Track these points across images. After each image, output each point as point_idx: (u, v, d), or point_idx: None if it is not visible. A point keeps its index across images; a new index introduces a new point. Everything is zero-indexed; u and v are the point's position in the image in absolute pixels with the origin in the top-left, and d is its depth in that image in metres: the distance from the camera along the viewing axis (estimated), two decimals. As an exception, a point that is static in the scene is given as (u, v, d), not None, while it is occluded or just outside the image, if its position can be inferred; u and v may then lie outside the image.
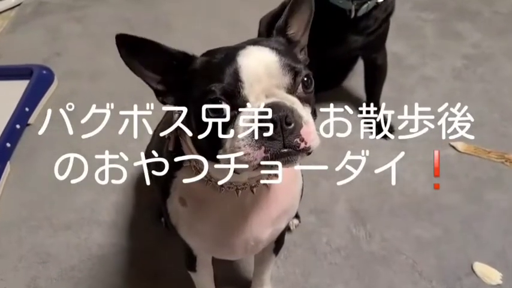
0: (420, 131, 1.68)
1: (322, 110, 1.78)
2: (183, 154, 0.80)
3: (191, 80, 0.71)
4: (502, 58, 2.05)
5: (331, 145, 1.66)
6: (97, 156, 1.62)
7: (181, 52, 0.73)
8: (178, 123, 0.75)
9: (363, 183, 1.53)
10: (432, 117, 1.76)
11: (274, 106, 0.63)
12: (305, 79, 0.69)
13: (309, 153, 0.67)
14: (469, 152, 1.62)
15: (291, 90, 0.67)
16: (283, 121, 0.62)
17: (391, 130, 1.68)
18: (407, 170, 1.56)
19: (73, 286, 1.27)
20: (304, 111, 0.66)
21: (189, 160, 0.78)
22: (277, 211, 0.87)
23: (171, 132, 0.81)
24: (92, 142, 1.69)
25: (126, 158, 1.60)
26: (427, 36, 2.22)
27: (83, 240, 1.38)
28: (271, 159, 0.63)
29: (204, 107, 0.65)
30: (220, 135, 0.66)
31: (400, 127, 1.70)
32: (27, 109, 1.75)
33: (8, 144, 1.61)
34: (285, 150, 0.63)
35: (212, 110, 0.65)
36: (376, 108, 1.74)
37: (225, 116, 0.65)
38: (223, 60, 0.68)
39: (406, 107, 1.79)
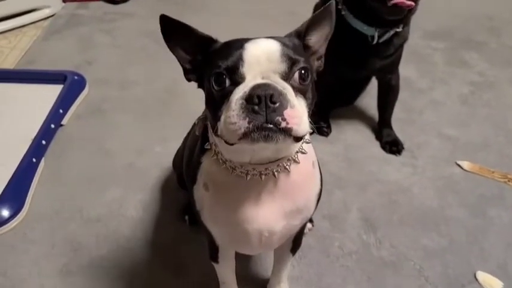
0: (428, 149, 1.82)
1: (339, 125, 1.93)
2: (208, 140, 0.91)
3: (209, 59, 0.83)
4: (506, 86, 2.18)
5: (345, 158, 1.77)
6: (125, 157, 1.76)
7: (207, 36, 0.85)
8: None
9: (374, 194, 1.63)
10: (440, 138, 1.89)
11: (264, 85, 0.72)
12: (302, 71, 0.77)
13: (296, 139, 0.73)
14: (474, 171, 1.72)
15: (286, 77, 0.76)
16: (267, 98, 0.70)
17: (401, 147, 1.80)
18: (416, 184, 1.66)
19: (102, 274, 1.35)
20: (295, 99, 0.74)
21: (210, 143, 0.90)
22: (290, 206, 0.94)
23: (200, 120, 0.94)
24: (120, 144, 1.82)
25: (151, 160, 1.74)
26: (436, 63, 2.36)
27: (111, 233, 1.47)
28: (253, 131, 0.70)
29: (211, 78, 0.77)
30: (218, 106, 0.76)
31: (410, 145, 1.84)
32: (61, 111, 1.86)
33: (44, 142, 1.72)
34: (267, 125, 0.70)
35: (216, 82, 0.76)
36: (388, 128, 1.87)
37: (225, 89, 0.75)
38: (235, 44, 0.78)
39: (416, 127, 1.93)
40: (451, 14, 2.75)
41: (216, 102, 0.77)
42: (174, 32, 0.84)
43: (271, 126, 0.71)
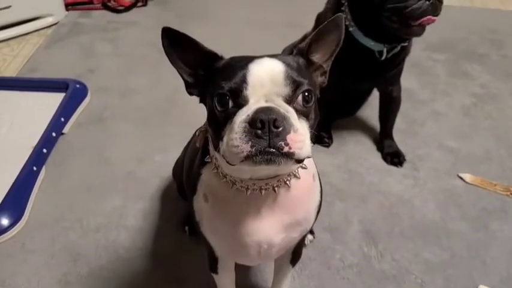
0: (430, 161, 1.81)
1: (340, 136, 1.92)
2: (208, 152, 0.90)
3: (212, 76, 0.81)
4: (508, 98, 2.18)
5: (346, 169, 1.77)
6: (125, 166, 1.76)
7: (212, 52, 0.84)
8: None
9: (375, 206, 1.62)
10: (442, 150, 1.88)
11: (267, 109, 0.72)
12: (306, 94, 0.76)
13: (297, 161, 0.74)
14: (476, 184, 1.70)
15: (289, 101, 0.75)
16: (271, 123, 0.70)
17: (403, 159, 1.80)
18: (417, 196, 1.66)
19: (102, 284, 1.34)
20: (298, 123, 0.74)
21: (210, 156, 0.89)
22: (289, 219, 0.93)
23: (201, 131, 0.93)
24: (120, 153, 1.82)
25: (152, 169, 1.74)
26: (437, 74, 2.36)
27: (111, 243, 1.46)
28: (256, 155, 0.71)
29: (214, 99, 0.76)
30: (221, 126, 0.76)
31: (412, 157, 1.83)
32: (62, 119, 1.86)
33: (44, 150, 1.72)
34: (270, 149, 0.71)
35: (219, 102, 0.76)
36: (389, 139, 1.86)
37: (228, 110, 0.75)
38: (239, 64, 0.77)
39: (417, 139, 1.92)
40: (453, 26, 2.76)
41: (218, 122, 0.77)
42: (177, 45, 0.83)
43: (274, 150, 0.71)
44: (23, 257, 1.42)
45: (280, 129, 0.71)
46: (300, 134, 0.73)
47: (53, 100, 1.95)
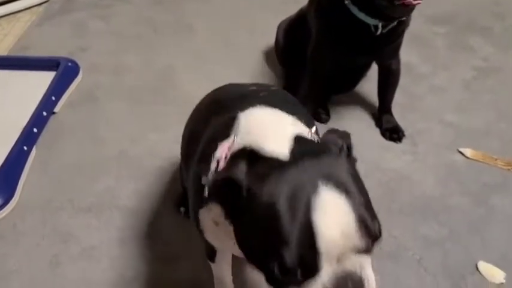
0: (429, 136, 1.77)
1: (337, 112, 1.88)
2: None
3: (248, 208, 0.67)
4: (511, 71, 2.11)
5: (343, 145, 1.72)
6: (118, 146, 1.73)
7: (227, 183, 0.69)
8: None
9: (373, 182, 1.58)
10: (442, 124, 1.84)
11: (348, 278, 0.62)
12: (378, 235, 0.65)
13: None
14: (476, 159, 1.67)
15: (364, 252, 0.64)
16: None
17: (402, 134, 1.76)
18: (416, 172, 1.62)
19: (93, 265, 1.32)
20: (369, 269, 0.65)
21: None
22: None
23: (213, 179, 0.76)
24: (113, 132, 1.78)
25: (145, 148, 1.70)
26: (438, 48, 2.29)
27: (103, 223, 1.44)
28: None
29: (273, 266, 0.62)
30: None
31: (411, 132, 1.79)
32: (53, 98, 1.82)
33: (35, 130, 1.68)
34: None
35: (281, 271, 0.62)
36: (388, 114, 1.82)
37: (293, 281, 0.62)
38: (292, 210, 0.62)
39: (417, 114, 1.88)
40: (454, -3, 2.67)
41: (277, 284, 0.65)
42: None
43: None
44: (13, 238, 1.39)
45: None
46: (373, 282, 0.65)
47: (44, 79, 1.90)
